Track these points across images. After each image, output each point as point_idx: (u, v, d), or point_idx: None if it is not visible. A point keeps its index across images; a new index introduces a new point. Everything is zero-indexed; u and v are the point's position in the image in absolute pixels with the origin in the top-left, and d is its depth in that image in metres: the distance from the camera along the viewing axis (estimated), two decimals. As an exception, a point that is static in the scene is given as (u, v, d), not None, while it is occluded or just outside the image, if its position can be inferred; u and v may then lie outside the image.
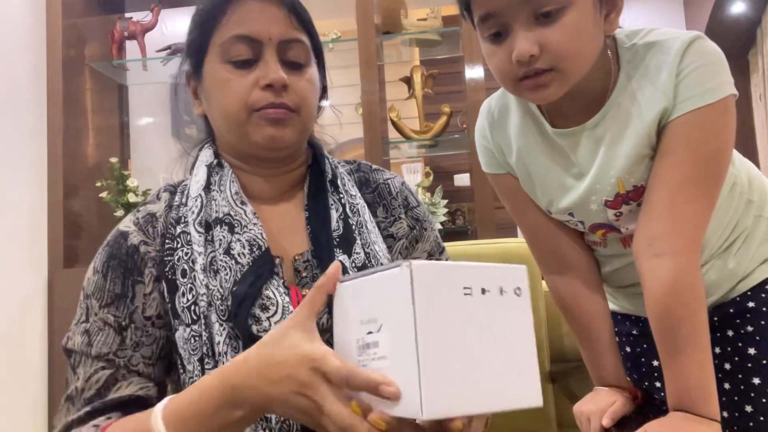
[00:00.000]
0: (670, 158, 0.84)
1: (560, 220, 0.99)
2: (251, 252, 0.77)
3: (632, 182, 0.89)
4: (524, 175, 0.99)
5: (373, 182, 0.94)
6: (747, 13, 3.15)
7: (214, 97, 0.83)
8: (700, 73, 0.82)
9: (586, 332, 1.01)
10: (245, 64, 0.81)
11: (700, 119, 0.82)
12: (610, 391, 0.96)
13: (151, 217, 0.82)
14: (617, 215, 0.92)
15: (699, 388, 0.80)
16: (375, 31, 2.37)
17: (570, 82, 0.83)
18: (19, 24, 2.22)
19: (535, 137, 0.96)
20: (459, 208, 2.66)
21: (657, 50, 0.86)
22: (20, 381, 2.09)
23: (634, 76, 0.87)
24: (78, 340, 0.77)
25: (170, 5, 2.67)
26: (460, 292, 0.55)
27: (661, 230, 0.84)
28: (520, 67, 0.80)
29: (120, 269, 0.78)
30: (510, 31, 0.80)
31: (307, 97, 0.83)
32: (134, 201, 2.34)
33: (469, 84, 2.35)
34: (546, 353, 1.39)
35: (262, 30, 0.80)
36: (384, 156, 2.42)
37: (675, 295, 0.82)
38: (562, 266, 1.01)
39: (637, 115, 0.86)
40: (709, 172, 0.84)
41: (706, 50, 0.84)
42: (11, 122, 2.14)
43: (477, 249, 1.44)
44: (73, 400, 0.74)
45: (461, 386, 0.53)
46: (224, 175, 0.84)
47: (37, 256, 2.21)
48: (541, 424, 1.39)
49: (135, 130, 2.80)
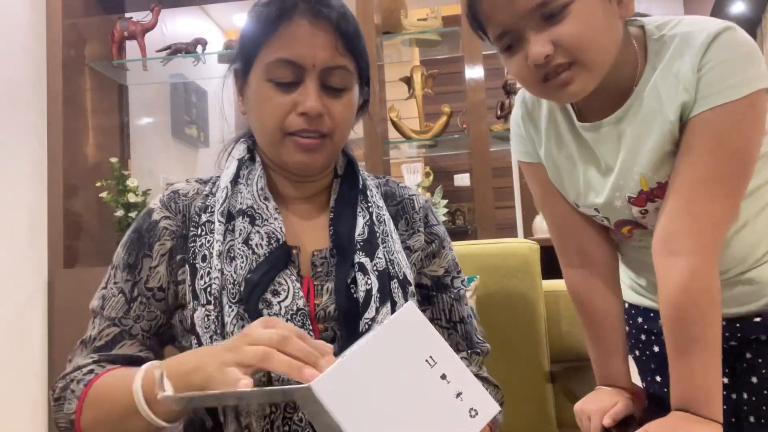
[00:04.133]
0: (691, 155, 0.82)
1: (587, 214, 0.98)
2: (269, 244, 0.82)
3: (656, 179, 0.87)
4: (552, 168, 0.98)
5: (399, 196, 0.98)
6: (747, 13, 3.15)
7: (254, 109, 0.87)
8: (723, 68, 0.79)
9: (597, 330, 1.00)
10: (286, 86, 0.83)
11: (721, 116, 0.80)
12: (612, 391, 0.96)
13: (174, 194, 0.89)
14: (643, 213, 0.91)
15: (702, 389, 0.80)
16: (375, 31, 2.37)
17: (595, 74, 0.81)
18: (19, 24, 2.22)
19: (564, 130, 0.95)
20: (459, 208, 2.67)
21: (683, 42, 0.83)
22: (20, 381, 2.09)
23: (658, 68, 0.85)
24: (96, 303, 0.86)
25: (170, 5, 2.67)
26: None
27: (678, 228, 0.82)
28: (539, 69, 0.80)
29: (137, 243, 0.86)
30: (523, 39, 0.81)
31: (342, 122, 0.86)
32: (134, 201, 2.34)
33: (469, 84, 2.35)
34: (546, 353, 1.39)
35: (307, 55, 0.82)
36: (384, 156, 2.42)
37: (688, 296, 0.81)
38: (583, 260, 1.00)
39: (659, 110, 0.84)
40: (730, 170, 0.81)
41: (734, 43, 0.80)
42: (11, 122, 2.14)
43: (477, 249, 1.44)
44: (86, 344, 0.84)
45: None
46: (254, 170, 0.89)
47: (37, 256, 2.21)
48: (541, 424, 1.39)
49: (135, 130, 2.80)
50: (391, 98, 2.81)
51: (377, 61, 2.41)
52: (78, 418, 0.77)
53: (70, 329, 0.81)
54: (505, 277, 1.36)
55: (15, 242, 2.12)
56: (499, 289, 1.38)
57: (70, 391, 0.79)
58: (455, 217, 2.65)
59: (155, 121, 3.10)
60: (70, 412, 0.77)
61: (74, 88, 2.37)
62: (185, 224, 0.86)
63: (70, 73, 2.34)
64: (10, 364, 2.06)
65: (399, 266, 0.86)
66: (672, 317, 0.82)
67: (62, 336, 2.18)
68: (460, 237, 2.56)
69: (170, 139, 3.22)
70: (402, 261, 0.88)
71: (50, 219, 2.24)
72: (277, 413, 0.76)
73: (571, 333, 1.40)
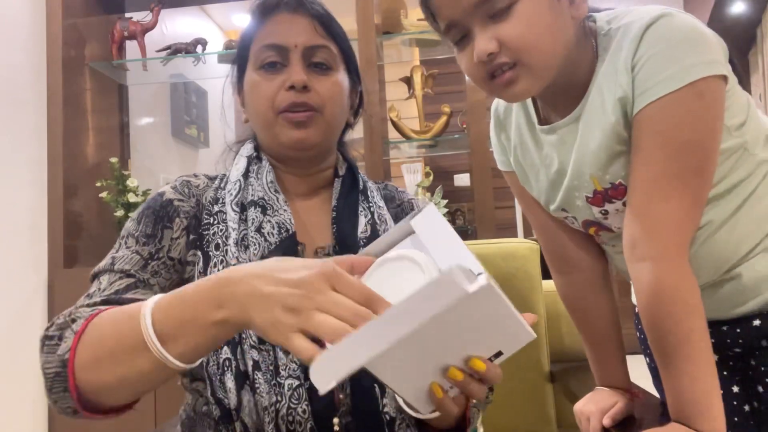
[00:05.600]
0: (640, 154, 0.78)
1: (559, 218, 0.97)
2: (279, 233, 0.84)
3: (608, 179, 0.84)
4: (521, 173, 0.97)
5: (398, 199, 1.00)
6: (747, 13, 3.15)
7: (250, 101, 0.91)
8: (658, 60, 0.75)
9: (591, 333, 0.99)
10: (273, 68, 0.88)
11: (662, 110, 0.75)
12: (611, 392, 0.96)
13: (187, 182, 0.90)
14: (603, 213, 0.89)
15: (693, 402, 0.74)
16: (375, 31, 2.37)
17: (539, 75, 0.78)
18: (19, 24, 2.22)
19: (527, 133, 0.94)
20: (459, 208, 2.67)
21: (622, 35, 0.80)
22: (20, 381, 2.09)
23: (603, 65, 0.82)
24: (102, 263, 0.81)
25: (170, 5, 2.67)
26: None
27: (639, 232, 0.78)
28: (483, 66, 0.78)
29: (153, 216, 0.85)
30: (471, 34, 0.79)
31: (331, 98, 0.88)
32: (134, 201, 2.34)
33: (469, 84, 2.35)
34: (546, 353, 1.39)
35: (289, 38, 0.88)
36: (384, 156, 2.42)
37: (658, 303, 0.76)
38: (568, 266, 1.00)
39: (601, 109, 0.81)
40: (683, 165, 0.76)
41: (667, 31, 0.75)
42: (11, 122, 2.14)
43: (477, 249, 1.44)
44: (91, 296, 0.76)
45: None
46: (262, 166, 0.91)
47: (37, 256, 2.21)
48: (540, 424, 1.39)
49: (135, 130, 2.80)
50: (391, 98, 2.81)
51: (377, 61, 2.41)
52: (72, 358, 0.64)
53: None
54: (505, 277, 1.36)
55: (15, 242, 2.12)
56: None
57: (70, 329, 0.67)
58: (455, 217, 2.65)
59: (155, 121, 3.10)
60: (64, 352, 0.65)
61: (74, 88, 2.37)
62: (199, 208, 0.87)
63: (70, 73, 2.34)
64: (10, 364, 2.06)
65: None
66: (649, 327, 0.78)
67: (62, 336, 2.17)
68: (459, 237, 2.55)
69: (170, 139, 3.22)
70: None
71: (50, 219, 2.24)
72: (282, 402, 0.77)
73: (571, 333, 1.40)
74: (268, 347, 0.77)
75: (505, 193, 1.23)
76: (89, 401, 0.66)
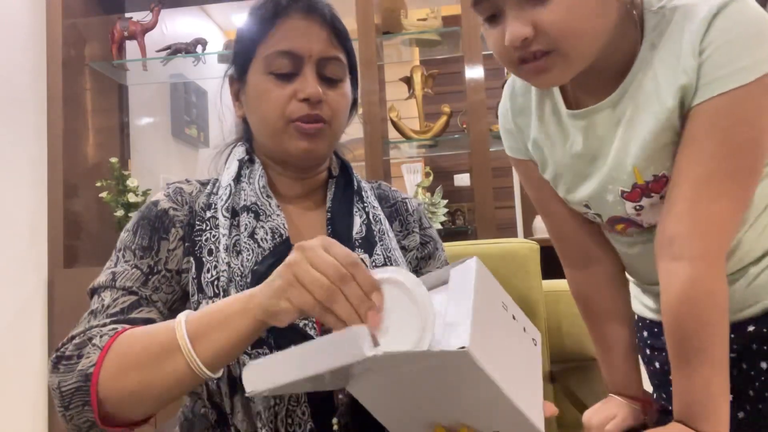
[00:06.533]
0: (694, 149, 0.73)
1: (577, 211, 0.91)
2: (273, 238, 0.84)
3: (651, 172, 0.79)
4: (542, 161, 0.91)
5: (392, 199, 1.01)
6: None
7: (256, 104, 0.89)
8: (729, 49, 0.69)
9: (603, 332, 0.94)
10: (286, 77, 0.87)
11: (729, 104, 0.70)
12: (618, 402, 0.91)
13: (180, 190, 0.89)
14: (637, 209, 0.83)
15: (701, 404, 0.73)
16: (375, 31, 2.37)
17: (576, 63, 0.73)
18: (19, 24, 2.22)
19: (551, 118, 0.87)
20: (459, 208, 2.67)
21: (684, 16, 0.73)
22: (20, 381, 2.09)
23: (657, 46, 0.75)
24: (103, 278, 0.81)
25: (170, 5, 2.67)
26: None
27: (681, 231, 0.74)
28: (515, 51, 0.72)
29: (148, 227, 0.85)
30: (504, 14, 0.72)
31: (339, 110, 0.90)
32: (134, 201, 2.34)
33: (469, 84, 2.35)
34: (546, 353, 1.39)
35: (304, 47, 0.87)
36: (384, 156, 2.42)
37: (689, 305, 0.73)
38: (586, 260, 0.94)
39: (656, 95, 0.75)
40: (739, 166, 0.72)
41: (742, 17, 0.69)
42: (11, 122, 2.14)
43: (477, 249, 1.44)
44: (96, 314, 0.77)
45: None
46: (254, 170, 0.91)
47: (37, 256, 2.21)
48: (541, 424, 1.39)
49: (135, 130, 2.80)
50: (391, 98, 2.81)
51: (377, 61, 2.41)
52: (97, 371, 0.67)
53: (70, 329, 0.76)
54: (505, 277, 1.36)
55: (15, 242, 2.12)
56: (499, 289, 1.37)
57: (92, 345, 0.70)
58: (455, 217, 2.65)
59: (155, 121, 3.10)
60: (87, 366, 0.68)
61: (74, 88, 2.37)
62: (192, 215, 0.87)
63: (70, 73, 2.34)
64: (10, 364, 2.06)
65: (397, 263, 0.89)
66: (672, 327, 0.76)
67: (62, 336, 2.16)
68: (459, 237, 2.56)
69: (170, 139, 3.22)
70: (399, 258, 0.91)
71: (50, 219, 2.24)
72: (281, 405, 0.76)
73: (571, 333, 1.40)
74: (265, 352, 0.77)
75: (505, 193, 1.23)
76: (107, 415, 0.68)
